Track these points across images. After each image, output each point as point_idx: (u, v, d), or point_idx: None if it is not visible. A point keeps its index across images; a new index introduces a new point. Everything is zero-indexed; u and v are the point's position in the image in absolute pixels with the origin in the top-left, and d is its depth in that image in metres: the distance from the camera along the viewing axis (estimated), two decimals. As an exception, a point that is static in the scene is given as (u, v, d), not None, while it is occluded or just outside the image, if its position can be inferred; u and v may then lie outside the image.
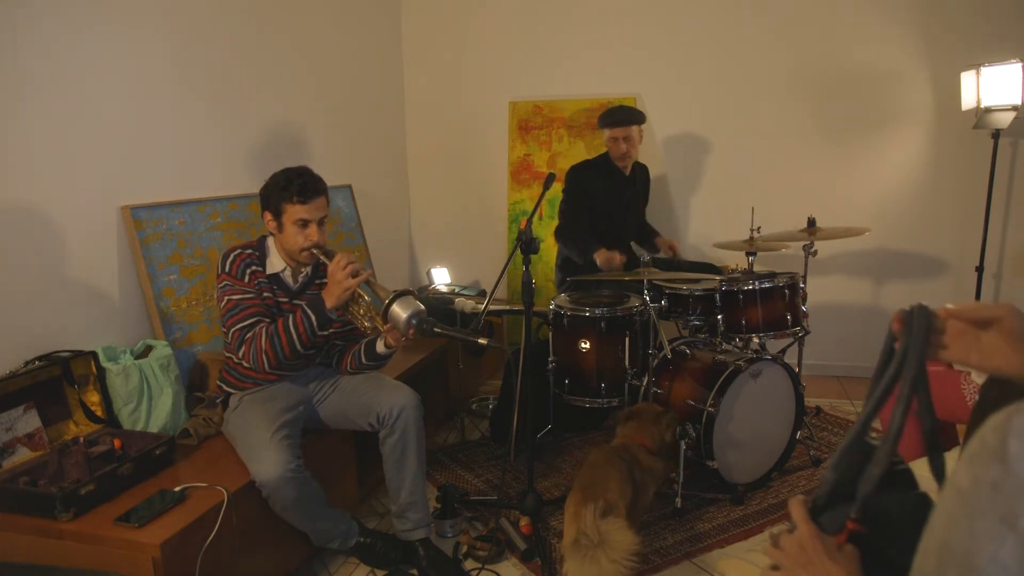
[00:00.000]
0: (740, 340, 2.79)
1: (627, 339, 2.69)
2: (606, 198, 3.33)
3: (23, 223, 2.07)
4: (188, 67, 2.67)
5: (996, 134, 3.33)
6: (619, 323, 2.68)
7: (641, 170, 3.55)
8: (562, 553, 1.95)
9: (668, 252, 3.43)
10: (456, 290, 3.70)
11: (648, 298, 2.64)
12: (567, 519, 1.98)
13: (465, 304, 3.27)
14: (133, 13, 2.41)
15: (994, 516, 0.57)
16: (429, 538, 2.23)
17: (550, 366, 2.78)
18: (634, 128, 3.24)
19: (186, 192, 2.65)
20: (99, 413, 2.10)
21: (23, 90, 2.05)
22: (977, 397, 0.79)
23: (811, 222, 2.94)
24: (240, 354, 2.06)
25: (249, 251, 2.13)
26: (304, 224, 2.07)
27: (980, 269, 3.50)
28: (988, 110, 3.28)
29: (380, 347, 2.19)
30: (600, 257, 3.09)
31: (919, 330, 0.77)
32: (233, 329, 2.06)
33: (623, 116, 3.24)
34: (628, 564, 1.81)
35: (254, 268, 2.12)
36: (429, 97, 4.35)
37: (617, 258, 3.08)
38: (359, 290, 2.05)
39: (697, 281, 2.84)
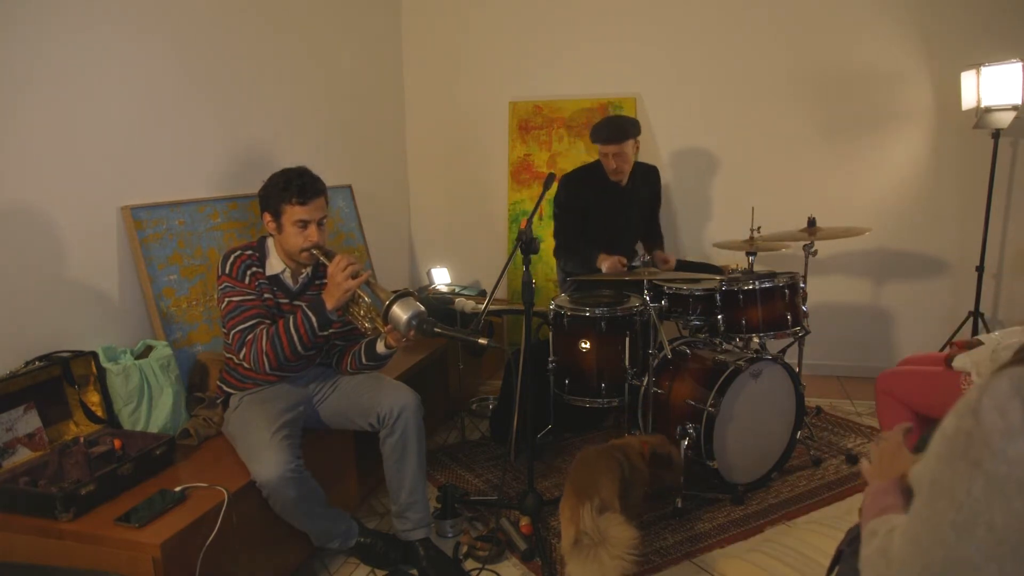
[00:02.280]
0: (740, 340, 2.79)
1: (627, 339, 2.69)
2: (600, 209, 3.26)
3: (23, 223, 2.07)
4: (188, 67, 2.67)
5: (996, 134, 3.34)
6: (619, 323, 2.68)
7: (645, 174, 3.39)
8: (562, 555, 1.95)
9: (663, 266, 3.26)
10: (456, 290, 3.70)
11: (648, 298, 2.64)
12: (564, 521, 1.98)
13: (465, 304, 3.27)
14: (133, 13, 2.41)
15: (968, 459, 0.69)
16: (429, 538, 2.23)
17: (550, 366, 2.78)
18: (627, 143, 3.07)
19: (186, 192, 2.64)
20: (99, 413, 2.10)
21: (23, 90, 2.05)
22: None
23: (811, 222, 2.94)
24: (241, 355, 2.06)
25: (249, 252, 2.13)
26: (303, 225, 2.07)
27: (980, 269, 3.50)
28: (988, 110, 3.28)
29: (380, 347, 2.19)
30: (605, 264, 3.07)
31: None
32: (234, 331, 2.06)
33: (614, 133, 3.05)
34: (630, 559, 1.81)
35: (254, 269, 2.12)
36: (429, 97, 4.35)
37: (621, 261, 3.07)
38: (359, 291, 2.05)
39: (697, 281, 2.84)
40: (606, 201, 3.28)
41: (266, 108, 3.12)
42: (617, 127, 3.09)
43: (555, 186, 3.32)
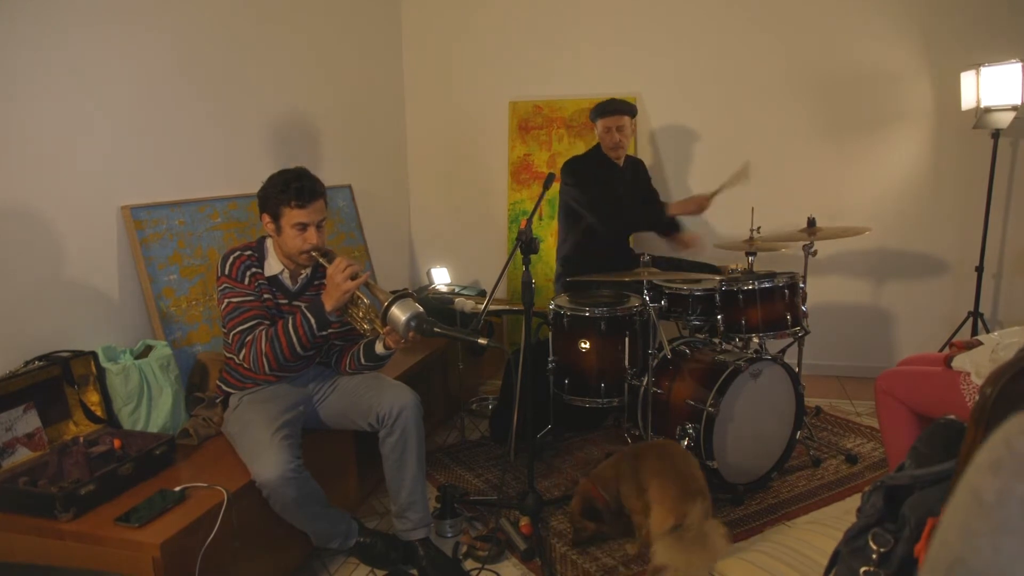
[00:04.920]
0: (740, 340, 2.79)
1: (627, 339, 2.69)
2: (602, 191, 3.29)
3: (23, 223, 2.07)
4: (188, 67, 2.67)
5: (996, 134, 3.34)
6: (619, 323, 2.68)
7: (635, 163, 3.52)
8: (650, 534, 2.03)
9: (690, 245, 3.35)
10: (456, 290, 3.70)
11: (648, 298, 2.64)
12: (660, 501, 2.06)
13: (465, 304, 3.27)
14: (133, 12, 2.41)
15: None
16: (429, 538, 2.23)
17: (550, 366, 2.78)
18: (626, 118, 3.25)
19: (186, 192, 2.64)
20: (99, 413, 2.10)
21: (23, 89, 2.05)
22: (977, 397, 0.79)
23: (811, 222, 2.94)
24: (241, 356, 2.06)
25: (248, 253, 2.13)
26: (302, 227, 2.06)
27: (980, 269, 3.50)
28: (988, 110, 3.28)
29: (379, 348, 2.19)
30: (682, 207, 3.20)
31: None
32: (233, 332, 2.06)
33: (616, 106, 3.26)
34: (712, 567, 1.83)
35: (254, 270, 2.12)
36: (429, 97, 4.35)
37: (703, 200, 3.21)
38: (358, 292, 2.05)
39: (697, 281, 2.84)
40: (607, 181, 3.30)
41: (266, 108, 3.12)
42: (617, 101, 3.30)
43: (555, 185, 3.31)
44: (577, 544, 2.31)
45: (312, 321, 2.02)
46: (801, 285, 2.83)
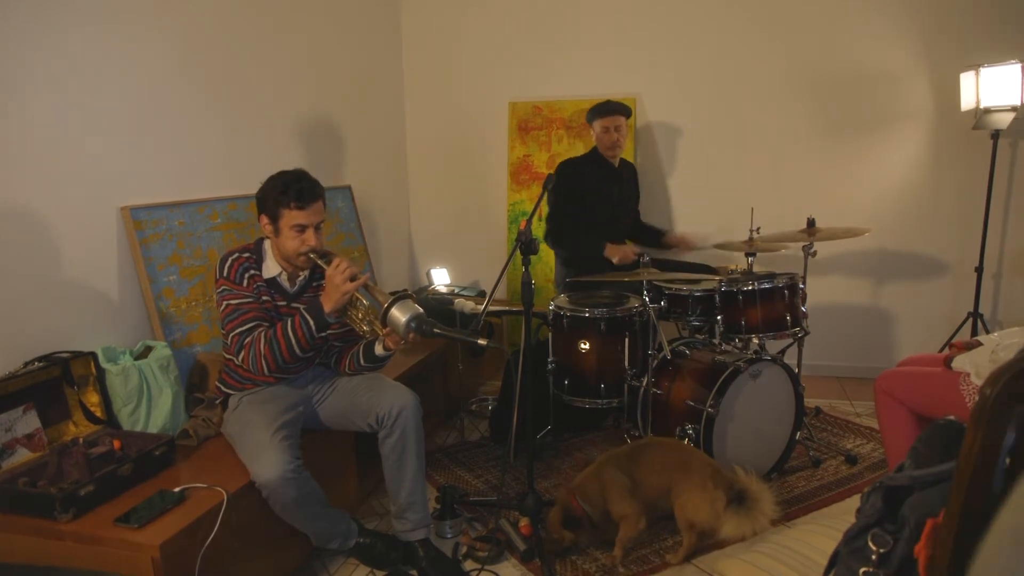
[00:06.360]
0: (740, 341, 2.79)
1: (627, 340, 2.69)
2: (597, 191, 3.35)
3: (23, 223, 2.07)
4: (188, 67, 2.67)
5: (995, 135, 3.34)
6: (619, 324, 2.68)
7: (628, 167, 3.59)
8: (709, 522, 2.12)
9: (683, 245, 3.52)
10: (456, 291, 3.70)
11: (648, 298, 2.64)
12: (704, 487, 2.14)
13: (465, 305, 3.27)
14: (133, 12, 2.41)
15: None
16: (429, 539, 2.23)
17: (550, 366, 2.78)
18: (623, 119, 3.34)
19: (186, 192, 2.64)
20: (99, 414, 2.10)
21: (23, 89, 2.05)
22: (977, 398, 0.79)
23: (811, 222, 2.94)
24: (240, 359, 2.06)
25: (247, 255, 2.13)
26: (301, 229, 2.06)
27: (980, 269, 3.50)
28: (987, 111, 3.28)
29: (379, 349, 2.19)
30: (616, 255, 3.14)
31: None
32: (232, 334, 2.06)
33: (613, 106, 3.34)
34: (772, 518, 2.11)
35: (252, 272, 2.11)
36: (429, 97, 4.35)
37: (629, 251, 3.16)
38: (357, 294, 2.05)
39: (697, 282, 2.84)
40: (602, 181, 3.38)
41: (266, 108, 3.12)
42: (614, 103, 3.38)
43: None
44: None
45: (311, 323, 2.02)
46: (801, 286, 2.83)
